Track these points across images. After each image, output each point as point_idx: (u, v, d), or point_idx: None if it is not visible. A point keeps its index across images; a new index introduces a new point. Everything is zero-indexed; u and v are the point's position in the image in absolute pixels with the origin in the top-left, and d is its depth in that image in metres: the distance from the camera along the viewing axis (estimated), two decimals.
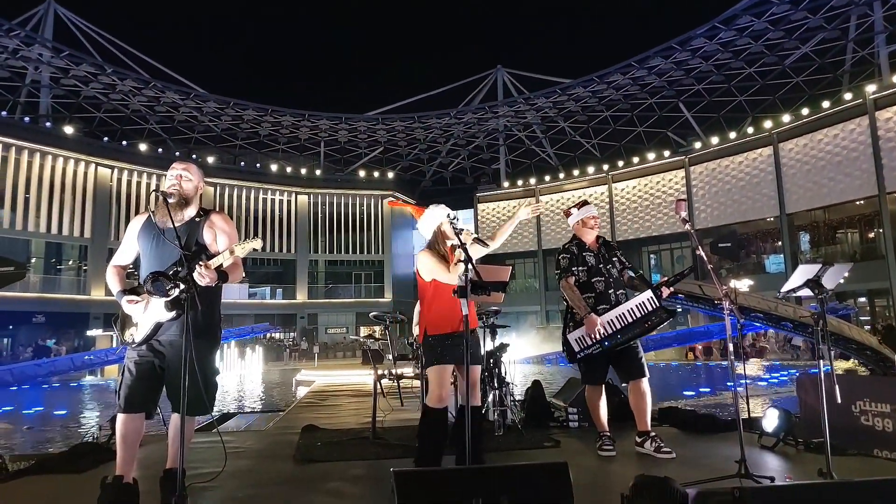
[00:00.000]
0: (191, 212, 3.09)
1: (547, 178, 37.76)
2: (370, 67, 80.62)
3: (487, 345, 5.08)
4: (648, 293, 4.02)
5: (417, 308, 4.11)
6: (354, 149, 40.76)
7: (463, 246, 3.11)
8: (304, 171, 38.32)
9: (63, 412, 12.28)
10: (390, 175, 40.34)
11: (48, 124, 30.42)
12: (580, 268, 4.19)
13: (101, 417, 10.99)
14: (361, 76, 77.67)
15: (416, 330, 4.87)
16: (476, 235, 3.52)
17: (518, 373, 14.67)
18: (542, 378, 6.43)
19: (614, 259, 4.29)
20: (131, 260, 3.25)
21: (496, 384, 4.95)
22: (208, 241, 3.05)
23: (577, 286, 4.15)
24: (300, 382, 16.49)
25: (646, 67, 31.38)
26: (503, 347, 5.22)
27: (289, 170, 37.92)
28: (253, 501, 3.14)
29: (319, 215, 38.47)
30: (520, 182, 38.54)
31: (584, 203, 4.44)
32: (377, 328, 30.31)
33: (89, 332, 28.27)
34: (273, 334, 34.68)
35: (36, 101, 32.40)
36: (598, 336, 3.95)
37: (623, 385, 4.63)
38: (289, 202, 37.74)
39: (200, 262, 2.77)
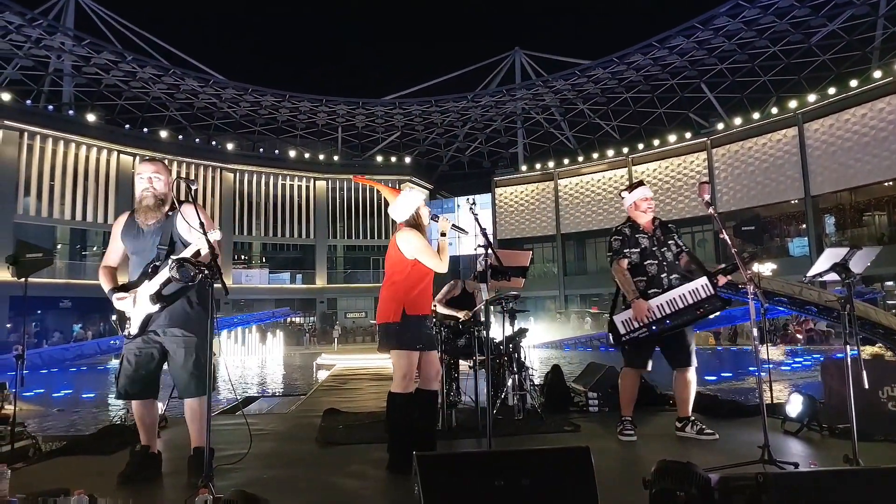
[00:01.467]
0: (164, 208, 3.28)
1: (566, 161, 37.39)
2: (386, 52, 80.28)
3: (506, 329, 5.09)
4: (703, 280, 3.88)
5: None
6: (371, 134, 40.74)
7: (444, 234, 3.28)
8: (322, 156, 38.43)
9: (91, 395, 12.59)
10: (407, 160, 40.28)
11: (71, 113, 30.82)
12: (632, 250, 4.08)
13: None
14: (378, 61, 77.40)
15: None
16: (454, 223, 3.47)
17: (536, 357, 14.73)
18: (560, 363, 6.42)
19: (670, 242, 4.17)
20: (118, 260, 3.43)
21: (515, 369, 4.96)
22: (183, 233, 3.19)
23: (628, 269, 4.06)
24: (321, 366, 16.71)
25: (667, 47, 30.78)
26: (522, 332, 5.21)
27: (307, 155, 38.06)
28: (277, 483, 3.19)
29: (337, 200, 38.63)
30: (538, 166, 38.23)
31: (639, 184, 4.31)
32: None
33: (115, 317, 28.82)
34: (293, 319, 35.08)
35: (59, 90, 32.84)
36: (646, 320, 3.87)
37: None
38: (307, 188, 37.92)
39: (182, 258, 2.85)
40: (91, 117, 30.40)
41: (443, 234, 3.42)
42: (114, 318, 3.33)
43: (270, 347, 26.57)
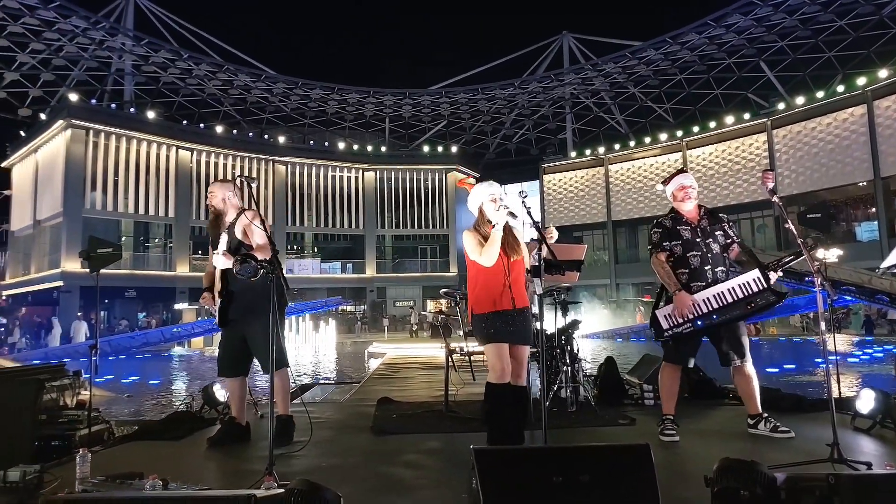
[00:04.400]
0: (230, 217, 3.90)
1: (616, 146, 36.56)
2: (432, 39, 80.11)
3: (559, 321, 5.04)
4: (756, 272, 3.69)
5: None
6: (418, 124, 40.89)
7: (496, 225, 3.33)
8: (370, 147, 38.85)
9: (157, 381, 13.17)
10: (454, 149, 40.27)
11: (132, 110, 32.13)
12: (674, 242, 3.90)
13: (191, 386, 11.73)
14: (423, 49, 77.34)
15: None
16: (510, 210, 3.41)
17: (587, 348, 14.56)
18: (612, 354, 6.32)
19: (718, 233, 3.93)
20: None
21: (568, 360, 4.91)
22: (240, 237, 3.81)
23: (670, 262, 3.90)
24: (372, 354, 17.00)
25: (723, 26, 29.59)
26: (575, 324, 5.15)
27: (355, 147, 38.55)
28: (336, 471, 3.27)
29: (385, 191, 39.01)
30: (587, 151, 37.57)
31: (677, 173, 4.11)
32: (443, 301, 30.73)
33: (176, 306, 30.09)
34: (344, 307, 35.75)
35: (120, 89, 34.29)
36: (690, 315, 3.72)
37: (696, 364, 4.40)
38: (356, 179, 38.44)
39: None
40: (151, 114, 31.65)
41: (492, 224, 3.39)
42: (213, 308, 3.97)
43: (323, 335, 27.16)
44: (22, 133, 32.62)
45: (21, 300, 31.11)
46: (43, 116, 31.15)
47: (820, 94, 28.44)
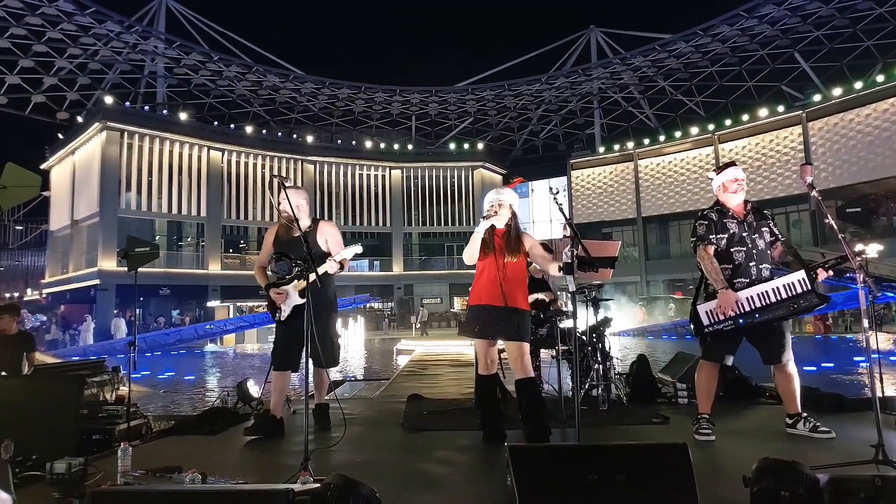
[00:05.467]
0: (303, 223, 4.07)
1: (646, 141, 36.02)
2: (457, 37, 79.98)
3: (590, 319, 4.99)
4: (801, 273, 3.57)
5: None
6: (444, 121, 40.90)
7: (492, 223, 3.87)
8: (396, 145, 39.00)
9: (191, 377, 13.46)
10: (480, 146, 40.18)
11: (165, 112, 32.83)
12: (719, 235, 3.80)
13: (223, 382, 11.95)
14: (449, 47, 77.26)
15: None
16: (487, 217, 3.83)
17: (617, 346, 14.41)
18: (644, 352, 6.24)
19: (763, 229, 3.83)
20: (268, 261, 4.15)
21: (599, 358, 4.87)
22: (320, 243, 4.09)
23: (714, 256, 3.80)
24: (400, 351, 17.10)
25: (756, 16, 28.91)
26: (606, 322, 5.10)
27: (382, 145, 38.73)
28: (369, 466, 3.29)
29: (412, 189, 39.14)
30: (616, 146, 37.09)
31: (728, 165, 3.99)
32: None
33: (209, 304, 30.67)
34: (372, 305, 36.00)
35: (153, 91, 35.04)
36: (732, 313, 3.64)
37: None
38: (383, 177, 38.64)
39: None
40: (183, 116, 32.28)
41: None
42: (265, 304, 4.22)
43: (352, 332, 27.41)
44: (60, 136, 33.59)
45: (60, 298, 32.07)
46: (80, 119, 32.04)
47: (858, 85, 27.58)
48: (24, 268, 42.23)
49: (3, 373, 4.97)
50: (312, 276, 3.63)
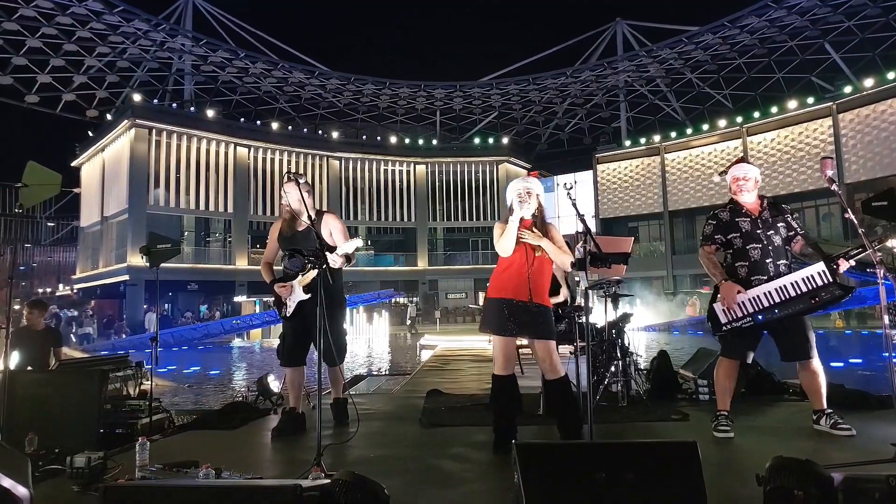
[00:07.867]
0: (306, 216, 3.97)
1: (672, 134, 35.41)
2: (481, 31, 79.63)
3: (609, 314, 4.95)
4: (820, 265, 3.51)
5: None
6: (469, 116, 40.79)
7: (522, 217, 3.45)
8: (421, 141, 39.05)
9: (216, 371, 13.70)
10: (505, 140, 39.99)
11: (192, 109, 33.34)
12: (732, 234, 3.77)
13: (249, 376, 12.14)
14: (474, 41, 76.99)
15: None
16: (532, 210, 3.51)
17: (642, 342, 14.25)
18: (667, 348, 6.15)
19: (780, 225, 3.79)
20: (274, 256, 4.26)
21: (619, 354, 4.83)
22: (325, 236, 3.93)
23: (729, 253, 3.79)
24: (424, 346, 17.17)
25: (785, 7, 28.16)
26: (626, 317, 5.05)
27: (407, 141, 38.82)
28: (383, 462, 3.32)
29: (437, 184, 39.16)
30: (642, 140, 36.54)
31: (736, 162, 3.96)
32: None
33: (236, 299, 31.15)
34: (397, 300, 36.18)
35: (180, 89, 35.62)
36: (748, 308, 3.58)
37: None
38: (408, 172, 38.73)
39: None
40: (210, 113, 32.74)
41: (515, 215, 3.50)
42: (271, 300, 4.24)
43: (377, 327, 27.60)
44: (90, 133, 34.36)
45: (90, 293, 32.88)
46: (109, 117, 32.67)
47: (891, 76, 26.71)
48: (56, 263, 43.36)
49: (30, 367, 5.13)
50: (329, 263, 3.60)
